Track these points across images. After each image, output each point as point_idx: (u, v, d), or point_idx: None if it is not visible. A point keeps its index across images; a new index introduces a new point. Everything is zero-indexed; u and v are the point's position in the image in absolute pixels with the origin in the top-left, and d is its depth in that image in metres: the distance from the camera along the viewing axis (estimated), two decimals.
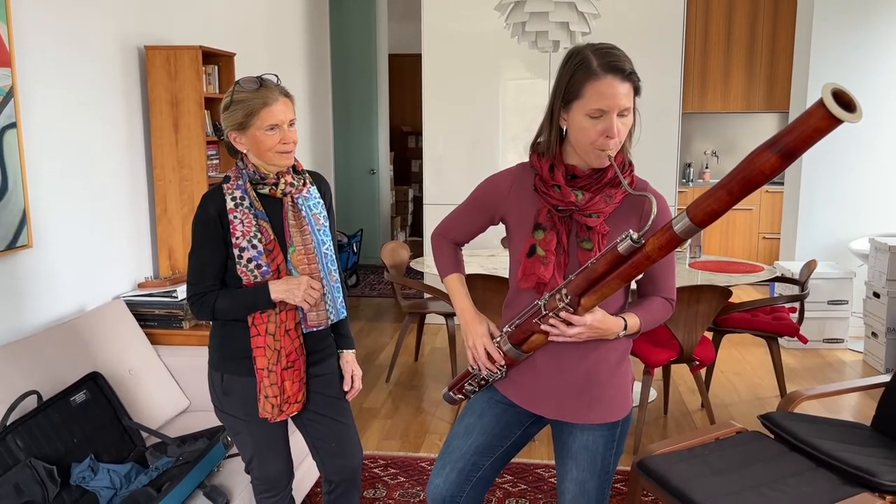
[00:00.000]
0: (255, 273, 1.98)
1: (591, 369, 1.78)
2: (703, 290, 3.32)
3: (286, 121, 1.96)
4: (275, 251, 1.99)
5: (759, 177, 1.33)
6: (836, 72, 5.21)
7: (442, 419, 3.90)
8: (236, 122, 1.95)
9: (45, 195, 2.73)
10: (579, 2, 3.75)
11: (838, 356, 4.97)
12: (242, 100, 1.94)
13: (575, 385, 1.78)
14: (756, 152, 1.33)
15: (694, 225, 1.42)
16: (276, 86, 1.98)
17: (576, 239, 1.70)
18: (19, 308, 2.60)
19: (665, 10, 5.32)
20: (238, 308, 1.99)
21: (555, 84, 1.68)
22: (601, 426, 1.81)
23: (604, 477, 1.85)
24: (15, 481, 1.97)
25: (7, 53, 2.48)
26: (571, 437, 1.83)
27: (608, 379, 1.80)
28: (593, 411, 1.79)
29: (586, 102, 1.59)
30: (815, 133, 1.24)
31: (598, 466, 1.83)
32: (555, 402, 1.81)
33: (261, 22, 4.94)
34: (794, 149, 1.28)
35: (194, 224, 2.01)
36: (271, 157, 1.96)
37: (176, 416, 2.84)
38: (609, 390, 1.80)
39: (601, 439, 1.81)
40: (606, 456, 1.83)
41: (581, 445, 1.82)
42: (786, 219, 5.66)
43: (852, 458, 2.39)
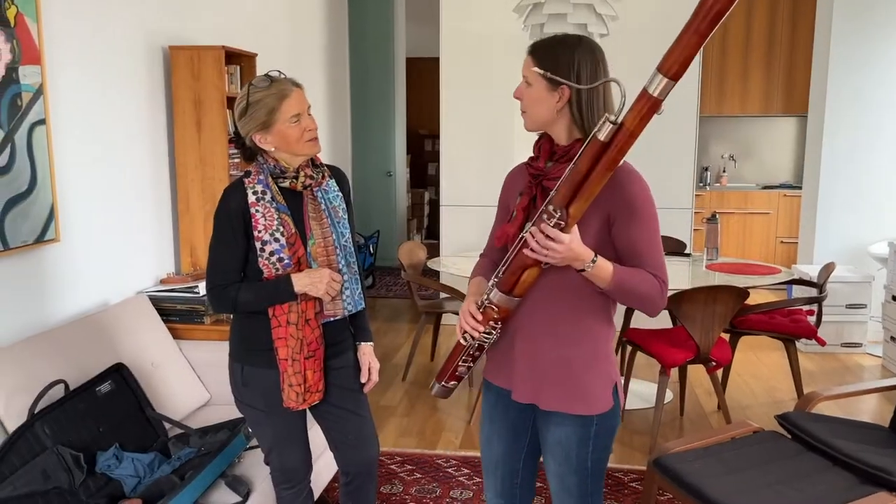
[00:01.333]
0: (277, 266, 2.02)
1: (561, 354, 1.76)
2: (721, 290, 3.32)
3: (305, 109, 2.01)
4: (296, 244, 2.03)
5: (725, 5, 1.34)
6: (855, 74, 5.19)
7: (458, 418, 3.92)
8: (259, 121, 1.98)
9: (72, 191, 2.79)
10: (598, 4, 3.78)
11: (856, 360, 4.94)
12: (260, 99, 1.97)
13: (546, 369, 1.77)
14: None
15: (668, 79, 1.43)
16: (287, 78, 2.02)
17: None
18: (46, 301, 2.65)
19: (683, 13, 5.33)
20: (260, 300, 2.03)
21: None
22: (573, 421, 1.77)
23: (583, 473, 1.82)
24: (42, 467, 2.01)
25: (37, 51, 2.54)
26: (547, 430, 1.83)
27: (583, 370, 1.76)
28: (563, 399, 1.77)
29: None
30: None
31: (572, 462, 1.81)
32: (529, 387, 1.80)
33: (281, 24, 5.00)
34: None
35: (216, 218, 2.04)
36: (300, 147, 2.00)
37: (197, 409, 2.89)
38: (583, 382, 1.76)
39: (574, 435, 1.78)
40: (581, 453, 1.80)
41: (555, 440, 1.82)
42: (804, 222, 5.64)
43: (869, 457, 2.39)
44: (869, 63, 5.17)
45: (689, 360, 3.43)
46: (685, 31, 1.40)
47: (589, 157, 1.55)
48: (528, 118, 1.76)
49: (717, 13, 1.36)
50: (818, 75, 5.40)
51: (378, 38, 7.67)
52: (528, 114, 1.75)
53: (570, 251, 1.59)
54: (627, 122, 1.51)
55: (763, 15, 6.86)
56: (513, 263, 1.68)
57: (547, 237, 1.57)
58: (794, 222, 6.86)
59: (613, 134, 1.52)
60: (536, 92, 1.71)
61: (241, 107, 2.01)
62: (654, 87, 1.45)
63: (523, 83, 1.75)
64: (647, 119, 1.49)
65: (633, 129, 1.50)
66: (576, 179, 1.56)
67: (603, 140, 1.52)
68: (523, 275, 1.68)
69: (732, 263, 4.26)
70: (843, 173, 5.32)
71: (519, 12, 4.04)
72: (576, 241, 1.60)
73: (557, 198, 1.58)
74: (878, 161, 5.25)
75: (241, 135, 2.06)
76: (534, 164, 1.79)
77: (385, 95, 7.81)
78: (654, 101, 1.46)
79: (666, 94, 1.45)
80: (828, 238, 5.39)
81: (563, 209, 1.57)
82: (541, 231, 1.58)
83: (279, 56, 4.83)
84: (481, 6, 5.50)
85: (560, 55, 1.69)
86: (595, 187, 1.57)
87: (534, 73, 1.69)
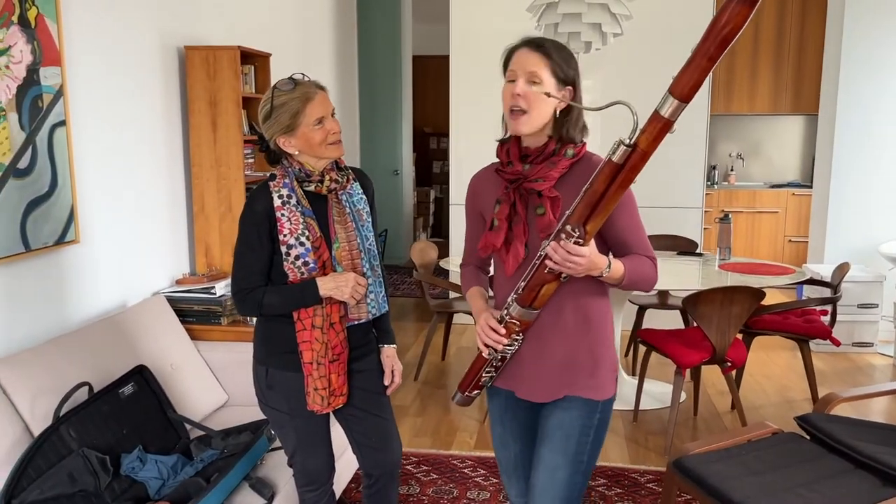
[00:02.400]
0: (302, 270, 2.01)
1: (570, 353, 1.81)
2: (737, 291, 3.32)
3: (329, 112, 2.01)
4: (321, 248, 2.03)
5: (733, 30, 1.36)
6: (866, 73, 5.18)
7: (471, 418, 3.92)
8: (283, 125, 1.98)
9: (91, 191, 2.79)
10: (612, 3, 3.77)
11: (868, 360, 4.94)
12: (284, 102, 1.97)
13: (555, 365, 1.81)
14: (722, 8, 1.37)
15: (680, 101, 1.46)
16: (310, 81, 2.02)
17: (532, 209, 1.77)
18: (66, 302, 2.65)
19: (694, 13, 5.32)
20: (286, 304, 2.03)
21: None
22: (580, 405, 1.80)
23: (576, 466, 1.82)
24: (69, 470, 2.01)
25: (57, 52, 2.54)
26: (551, 415, 1.84)
27: (588, 363, 1.82)
28: (571, 386, 1.81)
29: (508, 70, 1.76)
30: None
31: (571, 450, 1.81)
32: (538, 385, 1.84)
33: (292, 24, 4.99)
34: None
35: (242, 221, 2.04)
36: (324, 151, 2.00)
37: (216, 410, 2.89)
38: (587, 369, 1.82)
39: (578, 420, 1.80)
40: (581, 440, 1.81)
41: (556, 423, 1.82)
42: (814, 221, 5.63)
43: (892, 459, 2.38)
44: (880, 63, 5.16)
45: (705, 360, 3.43)
46: (695, 55, 1.42)
47: (604, 177, 1.58)
48: (531, 119, 1.72)
49: (726, 38, 1.38)
50: (829, 75, 5.40)
51: (385, 37, 7.66)
52: (532, 115, 1.71)
53: (590, 263, 1.64)
54: (641, 143, 1.53)
55: (771, 14, 6.85)
56: (532, 280, 1.71)
57: (568, 253, 1.61)
58: (803, 221, 6.85)
59: (627, 155, 1.55)
60: (540, 89, 1.70)
61: (265, 110, 2.00)
62: (665, 109, 1.48)
63: (525, 82, 1.70)
64: (659, 139, 1.52)
65: (646, 150, 1.53)
66: (592, 199, 1.60)
67: (617, 162, 1.56)
68: (542, 289, 1.72)
69: (745, 263, 4.25)
70: (854, 173, 5.31)
71: (532, 12, 4.03)
72: (594, 252, 1.65)
73: (574, 216, 1.62)
74: (889, 160, 5.25)
75: (264, 138, 2.06)
76: (509, 169, 1.79)
77: (392, 94, 7.81)
78: (666, 122, 1.49)
79: (677, 115, 1.48)
80: (838, 237, 5.38)
81: (580, 227, 1.62)
82: (561, 248, 1.62)
83: (291, 56, 4.82)
84: (492, 4, 5.49)
85: (566, 55, 1.73)
86: (611, 205, 1.61)
87: (545, 70, 1.69)
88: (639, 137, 1.53)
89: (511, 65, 1.75)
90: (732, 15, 1.35)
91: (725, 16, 1.35)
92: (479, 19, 5.53)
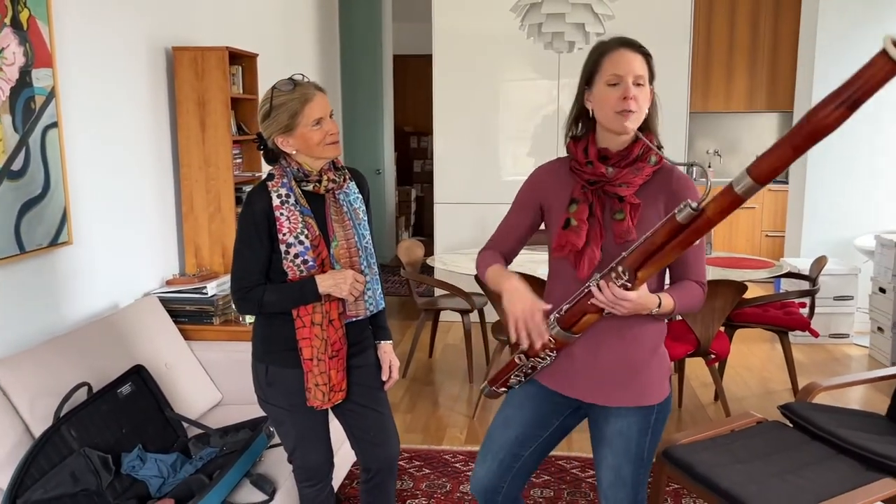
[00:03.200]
0: (302, 268, 2.04)
1: (625, 353, 1.83)
2: (720, 285, 3.40)
3: (327, 113, 2.04)
4: (320, 246, 2.06)
5: (824, 129, 1.35)
6: (841, 70, 5.28)
7: (461, 413, 3.97)
8: (282, 125, 2.00)
9: (83, 193, 2.79)
10: (595, 3, 3.83)
11: (844, 351, 5.06)
12: (283, 102, 1.99)
13: (609, 368, 1.84)
14: (819, 106, 1.36)
15: (756, 183, 1.46)
16: (309, 82, 2.04)
17: (609, 212, 1.78)
18: (60, 303, 2.66)
19: (673, 12, 5.42)
20: (286, 302, 2.06)
21: (581, 75, 1.83)
22: (635, 411, 1.85)
23: (639, 463, 1.88)
24: (71, 470, 2.03)
25: (49, 54, 2.54)
26: (606, 423, 1.88)
27: (643, 363, 1.84)
28: (627, 394, 1.84)
29: (604, 72, 1.75)
30: (879, 82, 1.28)
31: (632, 452, 1.86)
32: (590, 386, 1.86)
33: (276, 24, 5.00)
34: (858, 99, 1.31)
35: (240, 220, 2.07)
36: (321, 151, 2.03)
37: (210, 409, 2.91)
38: (643, 374, 1.85)
39: (635, 425, 1.85)
40: (641, 441, 1.87)
41: (615, 431, 1.86)
42: (791, 216, 5.75)
43: (873, 445, 2.47)
44: (854, 60, 5.24)
45: (690, 353, 3.51)
46: (782, 142, 1.41)
47: (665, 232, 1.59)
48: (638, 118, 1.75)
49: (817, 134, 1.37)
50: (804, 72, 5.52)
51: (366, 37, 7.67)
52: (639, 114, 1.75)
53: (636, 306, 1.66)
54: (709, 211, 1.53)
55: (746, 13, 6.97)
56: (576, 306, 1.73)
57: (614, 296, 1.63)
58: (780, 216, 6.99)
59: (692, 219, 1.55)
60: (646, 92, 1.76)
61: (264, 109, 2.03)
62: (740, 187, 1.47)
63: (631, 85, 1.73)
64: (727, 213, 1.52)
65: (713, 219, 1.53)
66: (649, 249, 1.61)
67: (680, 222, 1.56)
68: (584, 318, 1.74)
69: (726, 258, 4.34)
70: (829, 168, 5.43)
71: (516, 12, 4.08)
72: (643, 296, 1.66)
73: (629, 261, 1.64)
74: (864, 156, 5.38)
75: (263, 137, 2.09)
76: (588, 170, 1.79)
77: (373, 94, 7.82)
78: (737, 198, 1.49)
79: (750, 195, 1.48)
80: (814, 232, 5.51)
81: (632, 272, 1.63)
82: (609, 289, 1.64)
83: (275, 56, 4.83)
84: (474, 4, 5.54)
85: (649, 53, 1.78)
86: (666, 260, 1.62)
87: (646, 70, 1.75)
88: (707, 204, 1.53)
89: (610, 66, 1.74)
90: (830, 115, 1.33)
91: (823, 113, 1.34)
92: (461, 19, 5.57)
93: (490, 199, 5.64)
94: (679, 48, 5.43)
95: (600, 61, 1.76)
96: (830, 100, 1.33)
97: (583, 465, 3.29)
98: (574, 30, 3.89)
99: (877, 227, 5.38)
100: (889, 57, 1.22)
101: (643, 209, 1.76)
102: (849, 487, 2.29)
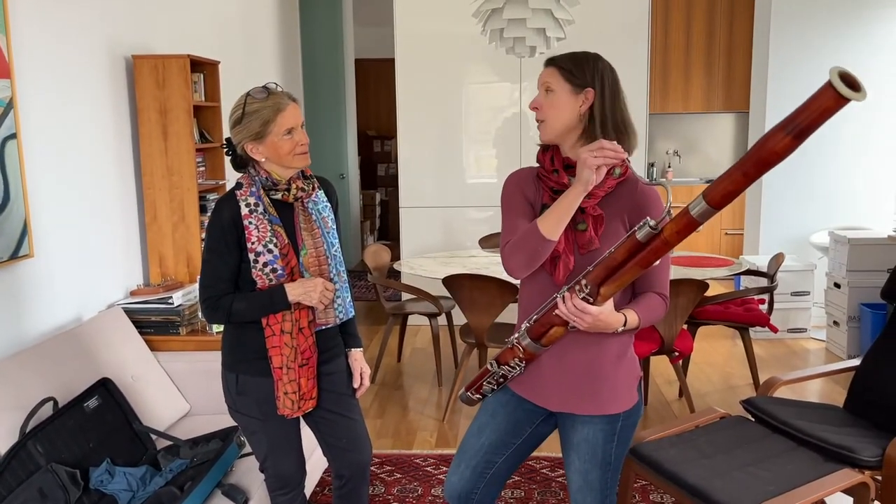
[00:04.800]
0: (271, 276, 2.05)
1: (591, 362, 1.86)
2: (682, 283, 3.47)
3: (299, 123, 2.04)
4: (289, 255, 2.06)
5: (773, 157, 1.39)
6: (794, 71, 5.45)
7: (430, 417, 3.99)
8: (252, 132, 2.01)
9: (44, 205, 2.75)
10: (555, 8, 3.88)
11: (802, 345, 5.20)
12: (256, 110, 2.00)
13: (575, 377, 1.87)
14: (769, 134, 1.39)
15: (711, 207, 1.49)
16: (283, 92, 2.05)
17: (573, 223, 1.80)
18: (22, 316, 2.61)
19: (631, 15, 5.51)
20: (255, 310, 2.05)
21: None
22: (601, 419, 1.88)
23: (605, 468, 1.91)
24: (39, 486, 2.00)
25: (7, 65, 2.50)
26: (573, 429, 1.92)
27: (609, 372, 1.87)
28: (593, 403, 1.87)
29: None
30: (825, 112, 1.31)
31: (598, 458, 1.90)
32: (557, 395, 1.90)
33: (237, 31, 4.96)
34: (806, 128, 1.35)
35: (208, 230, 2.06)
36: (290, 161, 2.03)
37: (179, 420, 2.88)
38: (609, 383, 1.87)
39: (601, 433, 1.89)
40: (607, 448, 1.90)
41: (582, 438, 1.90)
42: (749, 214, 5.89)
43: (831, 436, 2.55)
44: (807, 60, 5.43)
45: (654, 351, 3.58)
46: (734, 168, 1.45)
47: (625, 250, 1.62)
48: (548, 127, 1.81)
49: (766, 162, 1.40)
50: (758, 73, 5.65)
51: (327, 40, 7.65)
52: (548, 123, 1.80)
53: (598, 322, 1.68)
54: (666, 232, 1.57)
55: (702, 15, 7.13)
56: (543, 317, 1.77)
57: (575, 307, 1.66)
58: (738, 215, 7.14)
59: (650, 238, 1.58)
60: (559, 98, 1.78)
61: (236, 115, 2.02)
62: (695, 210, 1.50)
63: (541, 92, 1.81)
64: (683, 235, 1.55)
65: (668, 239, 1.56)
66: (611, 265, 1.64)
67: (640, 240, 1.59)
68: (551, 330, 1.77)
69: (688, 257, 4.44)
70: (784, 167, 5.56)
71: (478, 17, 4.12)
72: (606, 313, 1.68)
73: (592, 275, 1.66)
74: (817, 154, 5.53)
75: (231, 142, 2.08)
76: (553, 178, 1.83)
77: (336, 98, 7.81)
78: (693, 221, 1.52)
79: (705, 219, 1.52)
80: (772, 229, 5.65)
81: (594, 286, 1.66)
82: (570, 301, 1.67)
83: (236, 63, 4.80)
84: (435, 8, 5.57)
85: (582, 62, 1.79)
86: (627, 278, 1.64)
87: (557, 78, 1.77)
88: (666, 226, 1.56)
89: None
90: (778, 144, 1.36)
91: (771, 142, 1.37)
92: (423, 23, 5.60)
93: (455, 202, 5.67)
94: (638, 52, 5.53)
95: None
96: (780, 128, 1.37)
97: (552, 464, 3.33)
98: (535, 35, 3.93)
99: (830, 224, 5.53)
100: (835, 89, 1.26)
101: (608, 221, 1.79)
102: (810, 478, 2.36)
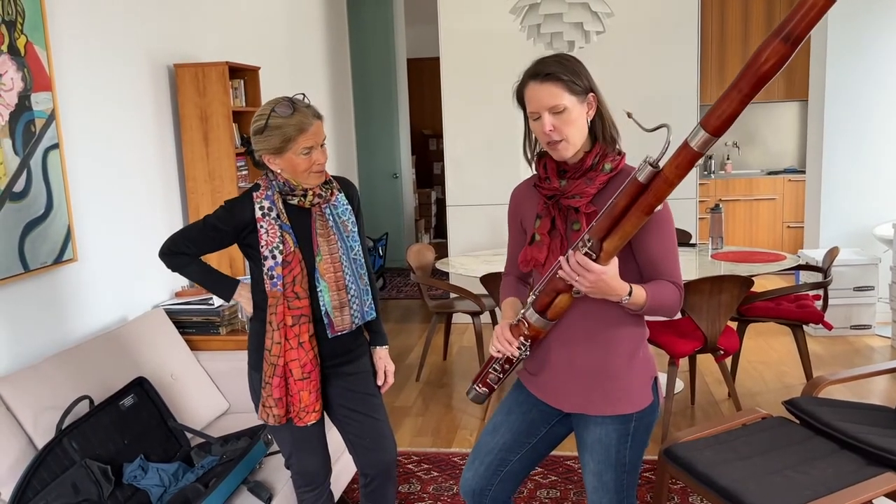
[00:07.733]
0: (275, 280, 2.08)
1: (602, 362, 1.83)
2: (725, 279, 3.37)
3: (319, 142, 2.05)
4: (293, 263, 2.08)
5: (769, 68, 1.33)
6: (853, 57, 5.21)
7: (472, 415, 3.99)
8: (272, 146, 2.02)
9: (87, 210, 2.87)
10: (593, 2, 3.82)
11: (866, 342, 4.97)
12: (279, 126, 2.00)
13: (588, 378, 1.84)
14: (761, 45, 1.33)
15: (709, 135, 1.44)
16: (309, 107, 2.05)
17: (569, 224, 1.79)
18: (66, 319, 2.73)
19: (679, 5, 5.37)
20: (205, 282, 2.23)
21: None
22: (613, 419, 1.85)
23: (620, 469, 1.88)
24: (72, 481, 2.09)
25: (48, 78, 2.62)
26: (586, 430, 1.89)
27: (621, 371, 1.83)
28: (605, 403, 1.84)
29: (529, 108, 1.77)
30: (817, 13, 1.25)
31: (612, 459, 1.87)
32: (570, 396, 1.88)
33: (282, 34, 5.06)
34: (800, 33, 1.28)
35: (218, 212, 2.13)
36: (305, 178, 2.06)
37: (217, 418, 2.97)
38: (621, 382, 1.83)
39: (614, 433, 1.85)
40: (620, 449, 1.86)
41: (595, 439, 1.87)
42: (808, 207, 5.66)
43: (875, 439, 2.43)
44: (866, 45, 5.19)
45: (697, 349, 3.48)
46: (730, 89, 1.40)
47: (627, 195, 1.58)
48: (569, 146, 1.73)
49: (763, 75, 1.35)
50: (817, 60, 5.43)
51: (378, 40, 7.73)
52: (569, 140, 1.73)
53: (601, 282, 1.64)
54: (666, 171, 1.52)
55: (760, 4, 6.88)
56: (548, 285, 1.75)
57: (578, 264, 1.63)
58: (800, 207, 6.88)
59: (651, 178, 1.54)
60: (572, 112, 1.71)
61: (258, 125, 2.04)
62: (695, 141, 1.46)
63: (548, 115, 1.71)
64: (685, 170, 1.50)
65: (670, 178, 1.52)
66: (613, 213, 1.61)
67: (642, 182, 1.55)
68: (556, 298, 1.74)
69: (738, 252, 4.30)
70: (846, 156, 5.34)
71: (516, 13, 4.09)
72: (610, 274, 1.64)
73: (595, 228, 1.63)
74: (880, 143, 5.28)
75: (251, 144, 2.12)
76: (546, 185, 1.80)
77: (388, 98, 7.87)
78: (694, 153, 1.48)
79: (706, 148, 1.46)
80: (833, 222, 5.41)
81: (597, 241, 1.63)
82: (573, 257, 1.64)
83: (281, 67, 4.90)
84: (479, 6, 5.55)
85: (573, 67, 1.74)
86: (631, 228, 1.60)
87: (562, 92, 1.69)
88: (666, 164, 1.52)
89: (528, 104, 1.75)
90: (772, 53, 1.31)
91: (765, 54, 1.32)
92: (465, 20, 5.59)
93: (504, 199, 5.60)
94: (687, 38, 5.37)
95: (522, 99, 1.79)
96: (772, 36, 1.31)
97: None
98: (573, 29, 3.89)
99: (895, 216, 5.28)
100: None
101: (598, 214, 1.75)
102: (849, 482, 2.25)
